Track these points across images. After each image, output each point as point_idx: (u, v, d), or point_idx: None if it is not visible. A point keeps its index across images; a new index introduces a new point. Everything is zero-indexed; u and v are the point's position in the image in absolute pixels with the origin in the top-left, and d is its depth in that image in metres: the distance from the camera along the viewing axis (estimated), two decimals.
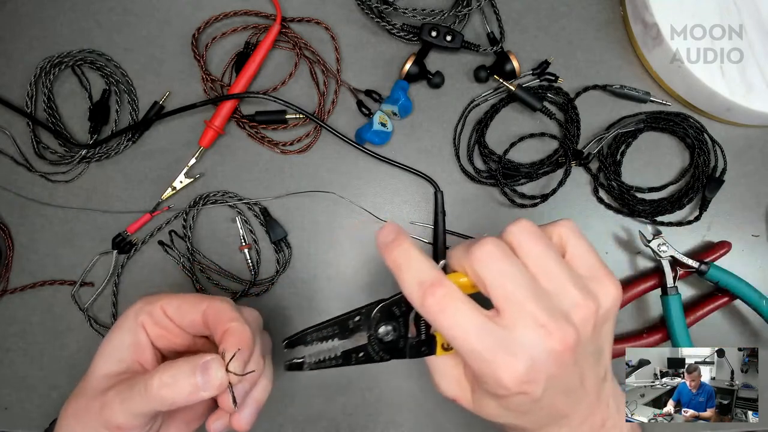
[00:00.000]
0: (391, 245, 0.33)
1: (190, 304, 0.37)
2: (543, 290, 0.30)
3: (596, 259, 0.33)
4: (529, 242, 0.31)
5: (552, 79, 0.55)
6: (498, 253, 0.31)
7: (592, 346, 0.31)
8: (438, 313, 0.30)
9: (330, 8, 0.56)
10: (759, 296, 0.51)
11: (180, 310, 0.37)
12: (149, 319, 0.37)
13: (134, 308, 0.38)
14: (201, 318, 0.37)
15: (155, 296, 0.38)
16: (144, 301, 0.38)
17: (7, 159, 0.53)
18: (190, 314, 0.37)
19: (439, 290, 0.30)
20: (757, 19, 0.53)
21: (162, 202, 0.53)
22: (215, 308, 0.36)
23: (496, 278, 0.30)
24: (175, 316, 0.37)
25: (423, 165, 0.54)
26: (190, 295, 0.38)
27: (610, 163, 0.55)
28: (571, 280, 0.31)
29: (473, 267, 0.31)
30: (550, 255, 0.31)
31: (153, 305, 0.37)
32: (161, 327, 0.38)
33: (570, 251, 0.33)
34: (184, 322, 0.38)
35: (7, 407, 0.51)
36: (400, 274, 0.32)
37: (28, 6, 0.55)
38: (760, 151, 0.56)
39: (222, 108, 0.53)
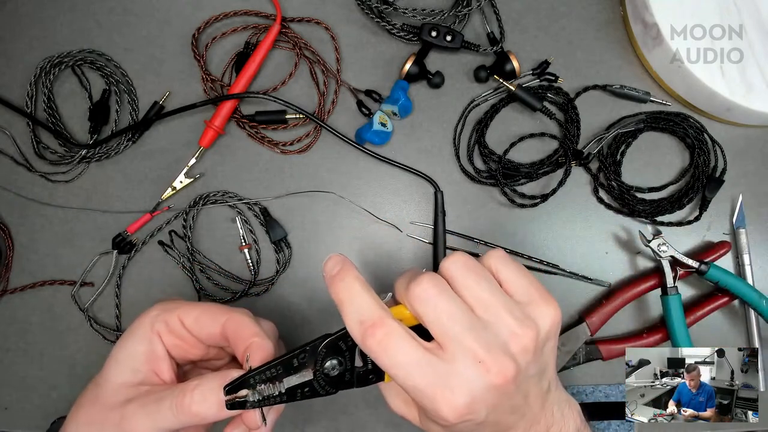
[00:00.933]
0: (335, 278, 0.33)
1: (210, 316, 0.36)
2: (480, 322, 0.31)
3: (530, 282, 0.33)
4: (463, 275, 0.32)
5: (552, 79, 0.55)
6: (434, 290, 0.31)
7: (534, 368, 0.32)
8: (379, 353, 0.30)
9: (330, 8, 0.56)
10: (759, 296, 0.51)
11: (199, 321, 0.36)
12: (165, 328, 0.36)
13: (149, 315, 0.36)
14: (220, 330, 0.36)
15: (172, 303, 0.37)
16: (160, 308, 0.37)
17: (7, 159, 0.53)
18: (210, 326, 0.36)
19: (379, 330, 0.30)
20: (757, 19, 0.53)
21: (162, 202, 0.53)
22: (236, 321, 0.36)
23: (433, 315, 0.31)
24: (193, 328, 0.36)
25: (423, 165, 0.54)
26: (209, 305, 0.37)
27: (610, 163, 0.55)
28: (506, 308, 0.31)
29: (411, 304, 0.32)
30: (483, 286, 0.32)
31: (170, 314, 0.36)
32: (177, 337, 0.37)
33: (503, 279, 0.33)
34: (203, 333, 0.37)
35: (7, 407, 0.51)
36: (342, 309, 0.32)
37: (28, 6, 0.55)
38: (760, 151, 0.56)
39: (222, 108, 0.53)
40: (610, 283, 0.54)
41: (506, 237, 0.54)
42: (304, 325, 0.52)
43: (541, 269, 0.54)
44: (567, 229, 0.55)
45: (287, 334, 0.52)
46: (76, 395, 0.50)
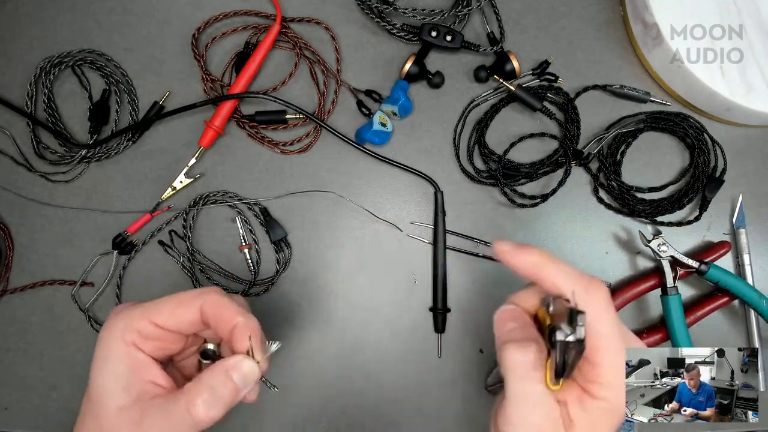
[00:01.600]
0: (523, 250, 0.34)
1: (183, 307, 0.35)
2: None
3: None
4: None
5: (552, 79, 0.55)
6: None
7: None
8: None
9: (330, 8, 0.56)
10: (759, 296, 0.51)
11: (174, 315, 0.35)
12: (139, 336, 0.34)
13: (117, 329, 0.34)
14: (199, 317, 0.35)
15: (134, 309, 0.35)
16: (124, 317, 0.35)
17: (7, 159, 0.53)
18: (187, 316, 0.35)
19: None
20: (757, 19, 0.53)
21: (162, 202, 0.53)
22: (213, 304, 0.35)
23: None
24: (169, 324, 0.35)
25: (423, 165, 0.54)
26: (176, 296, 0.35)
27: (610, 163, 0.55)
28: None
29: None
30: None
31: (140, 321, 0.34)
32: (155, 339, 0.35)
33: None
34: (182, 326, 0.35)
35: (7, 407, 0.51)
36: (547, 276, 0.32)
37: (28, 6, 0.55)
38: (760, 151, 0.56)
39: (222, 108, 0.53)
40: (610, 283, 0.54)
41: (506, 237, 0.54)
42: (304, 326, 0.52)
43: None
44: (567, 229, 0.55)
45: (287, 334, 0.52)
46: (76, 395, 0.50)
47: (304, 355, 0.52)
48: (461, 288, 0.53)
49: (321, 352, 0.52)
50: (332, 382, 0.52)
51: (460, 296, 0.53)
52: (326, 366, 0.52)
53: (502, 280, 0.53)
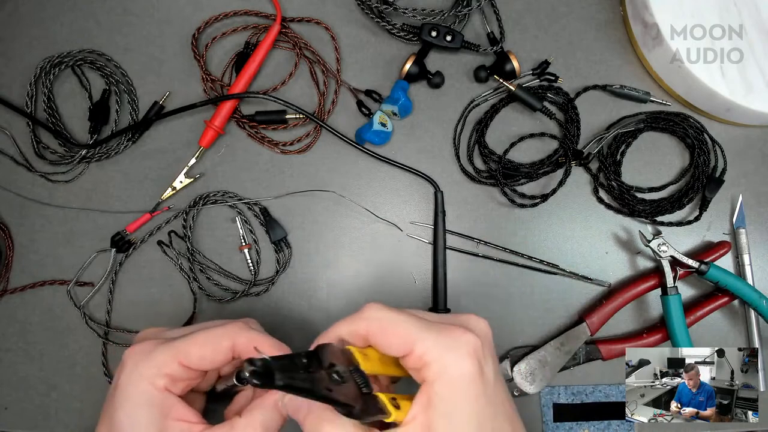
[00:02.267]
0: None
1: (214, 347, 0.34)
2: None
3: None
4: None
5: (552, 79, 0.55)
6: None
7: (490, 370, 0.32)
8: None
9: (330, 8, 0.56)
10: (759, 296, 0.51)
11: (205, 358, 0.34)
12: (171, 380, 0.34)
13: (146, 376, 0.33)
14: (231, 354, 0.35)
15: (160, 351, 0.34)
16: (151, 361, 0.33)
17: (7, 159, 0.53)
18: (219, 356, 0.34)
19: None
20: (757, 19, 0.53)
21: (162, 202, 0.53)
22: (246, 341, 0.34)
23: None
24: (200, 365, 0.34)
25: (423, 165, 0.54)
26: (206, 334, 0.35)
27: (610, 163, 0.55)
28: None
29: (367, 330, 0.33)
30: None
31: (170, 366, 0.33)
32: (185, 380, 0.34)
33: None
34: (213, 365, 0.35)
35: (7, 407, 0.51)
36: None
37: (28, 6, 0.55)
38: (760, 151, 0.56)
39: (222, 108, 0.53)
40: (610, 283, 0.54)
41: (506, 237, 0.54)
42: (304, 326, 0.52)
43: (541, 269, 0.54)
44: (567, 229, 0.55)
45: (288, 335, 0.52)
46: (76, 395, 0.50)
47: None
48: (461, 288, 0.53)
49: None
50: None
51: (460, 296, 0.53)
52: None
53: (502, 280, 0.53)
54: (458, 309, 0.53)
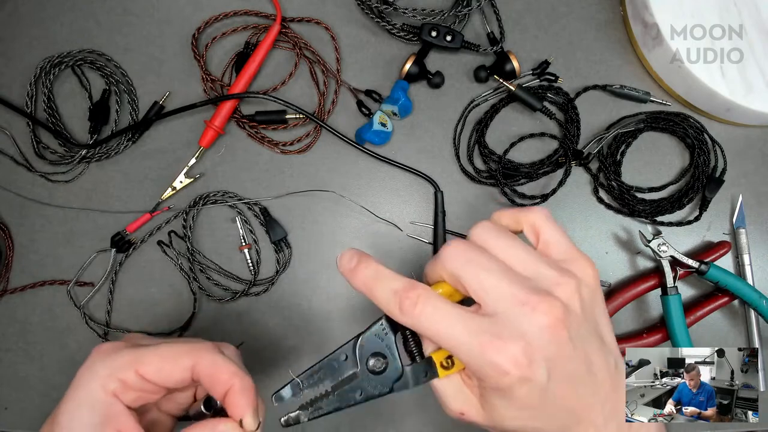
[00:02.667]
0: (357, 268, 0.32)
1: (173, 364, 0.32)
2: (518, 274, 0.30)
3: (569, 243, 0.33)
4: (495, 238, 0.31)
5: (552, 79, 0.55)
6: (465, 248, 0.31)
7: (586, 325, 0.30)
8: (419, 316, 0.29)
9: (330, 8, 0.56)
10: (759, 296, 0.51)
11: (162, 372, 0.32)
12: (122, 387, 0.32)
13: (98, 375, 0.32)
14: (189, 375, 0.33)
15: (120, 355, 0.33)
16: (109, 363, 0.32)
17: (7, 159, 0.53)
18: (177, 373, 0.32)
19: (413, 293, 0.29)
20: (757, 19, 0.53)
21: (162, 202, 0.53)
22: (207, 364, 0.32)
23: (467, 270, 0.30)
24: (156, 378, 0.32)
25: (423, 165, 0.54)
26: (168, 348, 0.33)
27: (610, 163, 0.55)
28: (544, 263, 0.31)
29: (445, 267, 0.31)
30: (518, 245, 0.31)
31: (126, 371, 0.32)
32: (137, 390, 0.32)
33: (543, 238, 0.33)
34: (168, 382, 0.33)
35: (7, 407, 0.51)
36: (373, 291, 0.31)
37: (28, 6, 0.55)
38: (760, 151, 0.56)
39: (222, 108, 0.53)
40: (610, 283, 0.54)
41: None
42: (304, 326, 0.52)
43: None
44: (567, 229, 0.54)
45: (287, 335, 0.52)
46: None
47: (304, 355, 0.52)
48: None
49: (321, 353, 0.52)
50: None
51: None
52: None
53: None
54: None
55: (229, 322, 0.52)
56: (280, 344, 0.52)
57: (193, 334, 0.52)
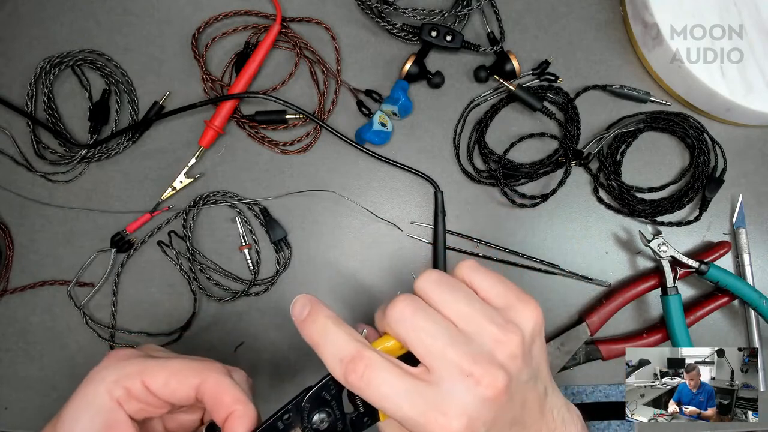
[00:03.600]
0: (306, 321, 0.32)
1: (180, 379, 0.32)
2: (462, 336, 0.30)
3: (506, 287, 0.33)
4: (438, 290, 0.31)
5: (552, 79, 0.55)
6: (410, 310, 0.30)
7: (525, 374, 0.31)
8: (363, 388, 0.29)
9: (330, 8, 0.56)
10: (759, 296, 0.51)
11: (168, 386, 0.32)
12: (127, 395, 0.32)
13: (106, 381, 0.32)
14: (194, 394, 0.33)
15: (130, 363, 0.33)
16: (118, 369, 0.32)
17: (7, 159, 0.53)
18: (181, 390, 0.32)
19: (359, 365, 0.29)
20: (757, 19, 0.53)
21: (162, 202, 0.53)
22: (213, 385, 0.32)
23: (413, 334, 0.30)
24: (161, 392, 0.32)
25: (423, 165, 0.54)
26: (177, 363, 0.33)
27: (610, 163, 0.55)
28: (486, 317, 0.31)
29: (392, 328, 0.31)
30: (459, 297, 0.31)
31: (132, 380, 0.32)
32: (141, 402, 0.32)
33: (477, 288, 0.33)
34: (173, 398, 0.33)
35: (7, 407, 0.51)
36: (319, 351, 0.31)
37: (28, 6, 0.55)
38: (760, 151, 0.56)
39: (222, 108, 0.53)
40: (610, 283, 0.54)
41: (506, 237, 0.54)
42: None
43: (541, 269, 0.54)
44: (567, 229, 0.55)
45: (287, 335, 0.52)
46: None
47: (304, 355, 0.52)
48: None
49: None
50: None
51: None
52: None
53: None
54: None
55: (229, 322, 0.52)
56: (280, 344, 0.52)
57: (194, 333, 0.52)
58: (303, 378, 0.52)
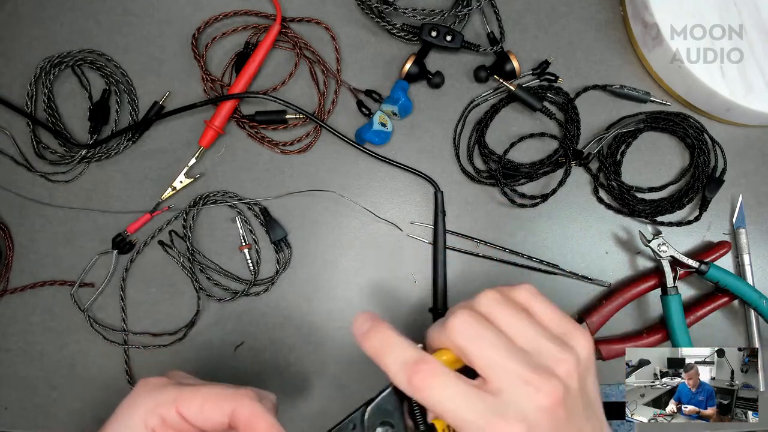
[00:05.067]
0: (369, 333, 0.32)
1: (214, 406, 0.33)
2: (522, 350, 0.31)
3: (562, 315, 0.34)
4: (500, 309, 0.33)
5: (552, 79, 0.55)
6: (473, 321, 0.31)
7: (581, 399, 0.32)
8: (426, 390, 0.30)
9: (330, 8, 0.56)
10: (759, 296, 0.51)
11: (202, 413, 0.33)
12: (162, 424, 0.33)
13: (142, 408, 0.33)
14: (228, 420, 0.33)
15: (164, 391, 0.34)
16: (153, 397, 0.33)
17: (7, 159, 0.53)
18: (216, 416, 0.33)
19: (422, 367, 0.30)
20: (757, 19, 0.53)
21: (162, 202, 0.53)
22: (247, 412, 0.33)
23: (475, 345, 0.31)
24: (195, 420, 0.33)
25: (423, 165, 0.54)
26: (211, 391, 0.34)
27: (610, 163, 0.55)
28: (546, 337, 0.32)
29: (451, 338, 0.31)
30: (521, 318, 0.32)
31: (168, 408, 0.33)
32: (175, 429, 0.33)
33: (535, 312, 0.34)
34: (208, 425, 0.33)
35: (7, 407, 0.51)
36: (382, 359, 0.32)
37: (28, 6, 0.55)
38: (760, 151, 0.56)
39: (222, 108, 0.53)
40: (610, 283, 0.54)
41: (506, 237, 0.54)
42: (304, 326, 0.52)
43: (541, 269, 0.54)
44: (567, 229, 0.55)
45: (287, 335, 0.52)
46: (77, 395, 0.50)
47: (304, 355, 0.52)
48: (461, 288, 0.53)
49: (321, 352, 0.52)
50: (332, 381, 0.52)
51: (460, 296, 0.53)
52: (326, 366, 0.52)
53: (501, 281, 0.53)
54: None
55: (229, 322, 0.52)
56: (280, 344, 0.52)
57: (194, 333, 0.52)
58: (303, 378, 0.52)
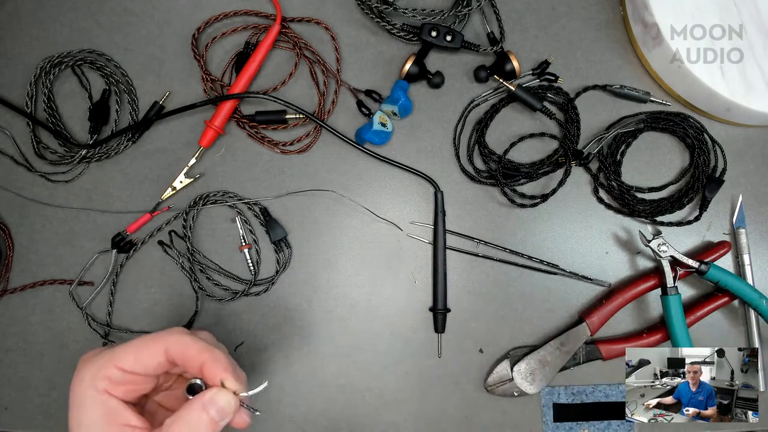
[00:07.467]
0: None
1: (148, 351, 0.36)
2: None
3: None
4: None
5: (552, 79, 0.55)
6: None
7: None
8: None
9: (330, 8, 0.56)
10: (759, 296, 0.51)
11: (139, 360, 0.35)
12: (110, 383, 0.35)
13: (86, 379, 0.35)
14: (165, 358, 0.36)
15: (101, 356, 0.36)
16: (91, 365, 0.35)
17: (7, 159, 0.53)
18: (152, 359, 0.36)
19: None
20: (757, 19, 0.53)
21: (162, 202, 0.53)
22: (177, 344, 0.36)
23: None
24: (136, 368, 0.35)
25: (423, 165, 0.54)
26: (140, 340, 0.36)
27: (610, 163, 0.55)
28: None
29: None
30: None
31: (107, 368, 0.35)
32: (125, 383, 0.36)
33: None
34: (149, 369, 0.36)
35: (7, 407, 0.51)
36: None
37: (28, 6, 0.55)
38: (760, 151, 0.56)
39: (222, 108, 0.53)
40: (610, 283, 0.54)
41: (506, 237, 0.54)
42: (304, 326, 0.52)
43: (541, 269, 0.54)
44: (567, 229, 0.55)
45: (287, 335, 0.52)
46: None
47: (304, 355, 0.52)
48: (461, 288, 0.53)
49: (321, 352, 0.52)
50: (332, 381, 0.52)
51: (460, 296, 0.53)
52: (326, 366, 0.52)
53: (502, 280, 0.54)
54: (458, 309, 0.53)
55: (229, 322, 0.52)
56: (280, 344, 0.52)
57: None
58: (303, 377, 0.52)
